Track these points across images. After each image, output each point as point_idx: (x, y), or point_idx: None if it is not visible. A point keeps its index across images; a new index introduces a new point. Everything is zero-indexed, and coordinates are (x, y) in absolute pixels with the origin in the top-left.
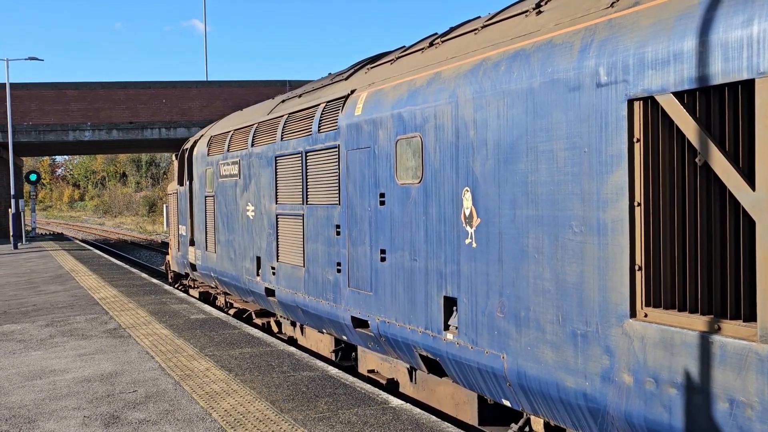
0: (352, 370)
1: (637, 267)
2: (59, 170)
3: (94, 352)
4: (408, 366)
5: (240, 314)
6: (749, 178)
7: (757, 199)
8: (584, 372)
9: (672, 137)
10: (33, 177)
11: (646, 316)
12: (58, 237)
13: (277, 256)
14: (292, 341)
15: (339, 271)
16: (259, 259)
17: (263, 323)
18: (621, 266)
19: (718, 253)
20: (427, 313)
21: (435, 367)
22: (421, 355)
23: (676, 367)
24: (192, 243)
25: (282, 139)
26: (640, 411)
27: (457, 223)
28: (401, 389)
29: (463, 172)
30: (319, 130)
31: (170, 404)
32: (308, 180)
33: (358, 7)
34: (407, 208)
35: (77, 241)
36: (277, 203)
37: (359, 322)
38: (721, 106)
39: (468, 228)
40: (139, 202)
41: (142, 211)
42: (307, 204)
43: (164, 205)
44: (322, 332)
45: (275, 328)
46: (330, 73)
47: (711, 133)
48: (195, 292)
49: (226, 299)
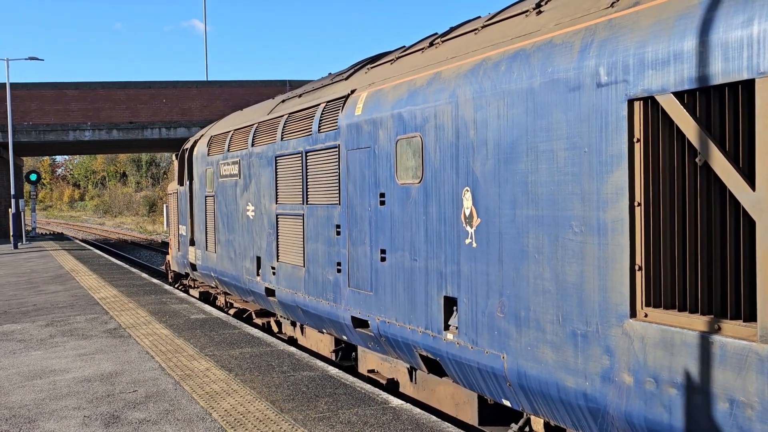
0: (352, 370)
1: (637, 267)
2: (59, 170)
3: (94, 351)
4: (408, 366)
5: (240, 314)
6: (749, 178)
7: (757, 199)
8: (584, 372)
9: (672, 137)
10: (33, 177)
11: (646, 316)
12: (58, 237)
13: (277, 256)
14: (292, 341)
15: (339, 271)
16: (259, 259)
17: (263, 323)
18: (621, 266)
19: (718, 253)
20: (428, 313)
21: (435, 367)
22: (421, 355)
23: (676, 367)
24: (192, 243)
25: (282, 139)
26: (640, 411)
27: (457, 223)
28: (401, 389)
29: (464, 172)
30: (320, 130)
31: (170, 404)
32: (308, 180)
33: (358, 7)
34: (407, 208)
35: (77, 241)
36: (277, 203)
37: (359, 322)
38: (721, 106)
39: (468, 228)
40: (140, 202)
41: (143, 211)
42: (308, 204)
43: (164, 205)
44: (322, 332)
45: (275, 328)
46: (330, 73)
47: (711, 133)
48: (195, 292)
49: (226, 299)
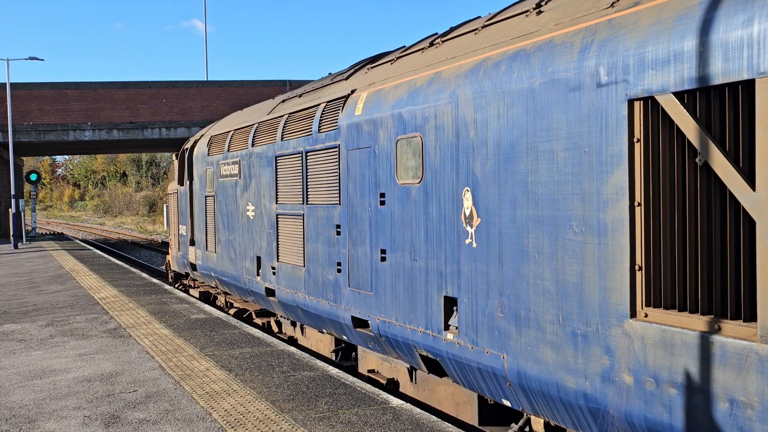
0: (353, 370)
1: (637, 267)
2: (59, 170)
3: (95, 351)
4: (408, 366)
5: (240, 314)
6: (749, 178)
7: (757, 199)
8: (584, 372)
9: (672, 137)
10: (33, 177)
11: (646, 316)
12: (59, 237)
13: (278, 256)
14: (293, 341)
15: (339, 270)
16: (259, 258)
17: (263, 323)
18: (621, 266)
19: (719, 253)
20: (428, 313)
21: (435, 367)
22: (421, 355)
23: (676, 367)
24: (192, 243)
25: (282, 139)
26: (640, 411)
27: (457, 223)
28: (401, 389)
29: (464, 172)
30: (320, 130)
31: (170, 404)
32: (308, 180)
33: (358, 7)
34: (407, 208)
35: (77, 241)
36: (277, 203)
37: (359, 322)
38: (722, 106)
39: (468, 228)
40: (140, 202)
41: (143, 211)
42: (308, 204)
43: (164, 205)
44: (323, 332)
45: (275, 328)
46: (330, 73)
47: (711, 133)
48: (195, 292)
49: (226, 299)
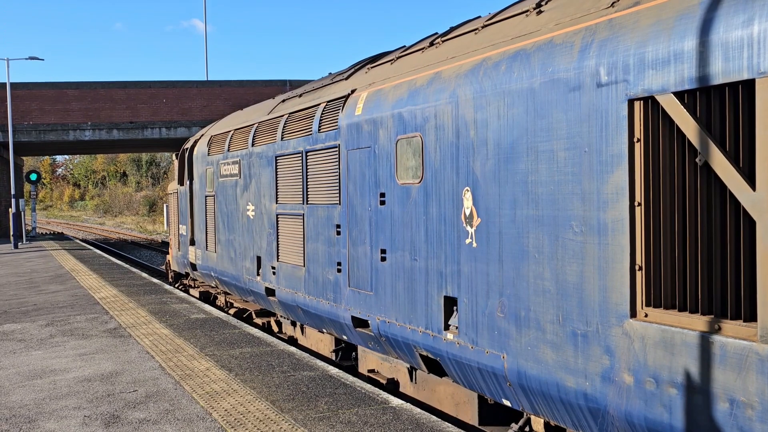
0: (353, 370)
1: (637, 267)
2: (59, 170)
3: (95, 351)
4: (408, 366)
5: (240, 314)
6: (749, 178)
7: (757, 199)
8: (584, 372)
9: (672, 137)
10: (33, 176)
11: (646, 316)
12: (59, 236)
13: (278, 256)
14: (293, 341)
15: (339, 270)
16: (259, 258)
17: (263, 323)
18: (621, 266)
19: (719, 253)
20: (428, 313)
21: (435, 367)
22: (421, 355)
23: (676, 367)
24: (192, 242)
25: (282, 138)
26: (640, 411)
27: (457, 222)
28: (401, 389)
29: (464, 171)
30: (320, 130)
31: (170, 404)
32: (308, 180)
33: (358, 7)
34: (407, 208)
35: (77, 241)
36: (277, 203)
37: (359, 322)
38: (722, 106)
39: (468, 228)
40: (140, 202)
41: (143, 211)
42: (308, 204)
43: (164, 205)
44: (323, 332)
45: (275, 328)
46: (330, 73)
47: (711, 133)
48: (195, 292)
49: (226, 299)
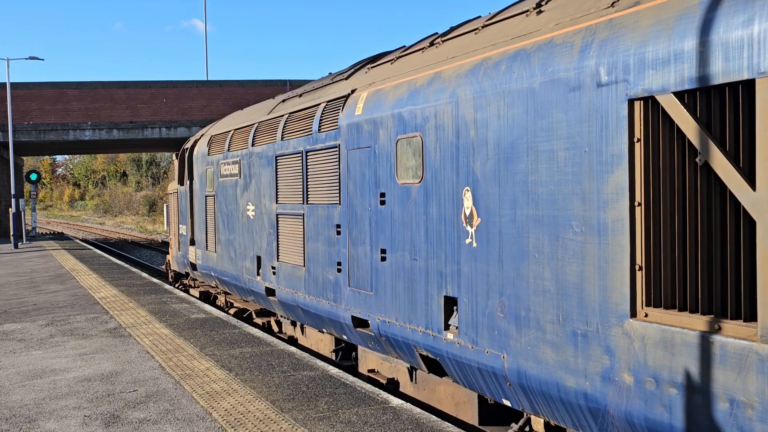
0: (353, 370)
1: (637, 267)
2: (59, 170)
3: (95, 351)
4: (408, 366)
5: (240, 314)
6: (749, 178)
7: (757, 199)
8: (584, 372)
9: (672, 137)
10: (33, 176)
11: (646, 315)
12: (59, 236)
13: (278, 256)
14: (293, 341)
15: (339, 270)
16: (259, 258)
17: (263, 323)
18: (621, 266)
19: (719, 253)
20: (428, 313)
21: (435, 367)
22: (421, 355)
23: (676, 367)
24: (192, 242)
25: (282, 138)
26: (640, 411)
27: (457, 222)
28: (401, 389)
29: (464, 171)
30: (320, 130)
31: (170, 404)
32: (308, 180)
33: (358, 7)
34: (408, 208)
35: (77, 241)
36: (277, 203)
37: (359, 322)
38: (722, 105)
39: (468, 228)
40: (140, 202)
41: (143, 211)
42: (308, 203)
43: (164, 205)
44: (323, 332)
45: (275, 328)
46: (330, 73)
47: (711, 133)
48: (195, 292)
49: (226, 299)
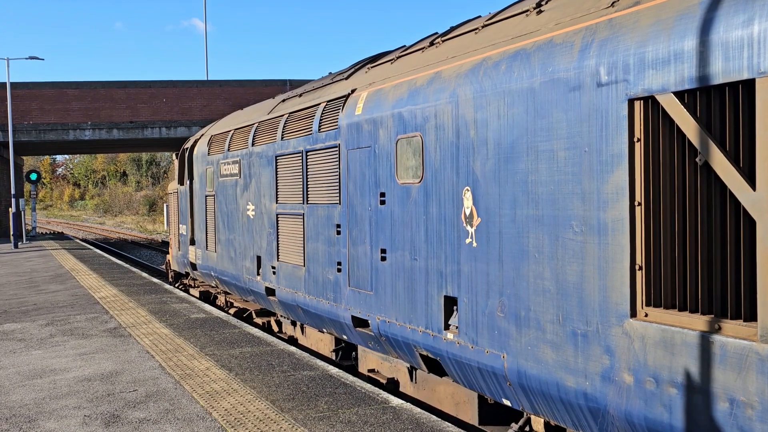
0: (353, 370)
1: (637, 267)
2: (60, 169)
3: (95, 351)
4: (408, 365)
5: (240, 313)
6: (750, 177)
7: (757, 199)
8: (584, 372)
9: (672, 137)
10: (33, 176)
11: (646, 315)
12: (59, 236)
13: (278, 256)
14: (293, 341)
15: (339, 270)
16: (259, 258)
17: (263, 322)
18: (621, 266)
19: (719, 253)
20: (428, 313)
21: (435, 367)
22: (421, 355)
23: (676, 367)
24: (192, 242)
25: (282, 138)
26: (640, 411)
27: (457, 222)
28: (401, 389)
29: (464, 171)
30: (320, 130)
31: (170, 403)
32: (309, 179)
33: (358, 7)
34: (408, 208)
35: (77, 241)
36: (277, 202)
37: (359, 322)
38: (722, 105)
39: (468, 227)
40: (140, 202)
41: (143, 211)
42: (308, 203)
43: (164, 205)
44: (323, 332)
45: (275, 328)
46: (330, 73)
47: (711, 132)
48: (195, 292)
49: (226, 298)
